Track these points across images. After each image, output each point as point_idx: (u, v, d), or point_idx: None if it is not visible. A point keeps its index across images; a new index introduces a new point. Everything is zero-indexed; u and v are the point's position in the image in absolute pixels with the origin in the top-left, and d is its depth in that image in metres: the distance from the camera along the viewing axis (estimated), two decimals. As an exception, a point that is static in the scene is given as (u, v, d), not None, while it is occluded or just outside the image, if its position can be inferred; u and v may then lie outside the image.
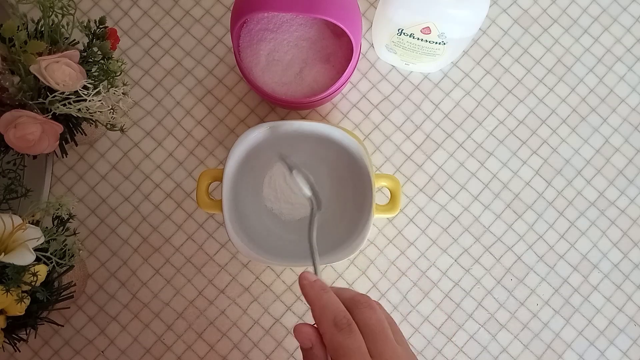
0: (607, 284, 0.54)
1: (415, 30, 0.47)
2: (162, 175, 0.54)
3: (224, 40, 0.56)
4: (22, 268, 0.39)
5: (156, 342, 0.52)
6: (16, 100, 0.41)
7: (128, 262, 0.53)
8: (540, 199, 0.55)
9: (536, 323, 0.53)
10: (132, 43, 0.56)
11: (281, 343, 0.53)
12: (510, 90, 0.56)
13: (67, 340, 0.52)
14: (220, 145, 0.55)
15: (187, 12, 0.56)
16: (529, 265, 0.54)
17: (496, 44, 0.57)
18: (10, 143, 0.41)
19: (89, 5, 0.56)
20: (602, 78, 0.56)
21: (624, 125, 0.56)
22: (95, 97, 0.42)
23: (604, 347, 0.53)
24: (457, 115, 0.56)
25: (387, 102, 0.56)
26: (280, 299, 0.53)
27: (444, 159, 0.55)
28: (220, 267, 0.53)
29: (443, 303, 0.53)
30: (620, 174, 0.55)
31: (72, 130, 0.45)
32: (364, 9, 0.57)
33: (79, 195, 0.54)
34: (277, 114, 0.56)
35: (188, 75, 0.56)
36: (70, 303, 0.48)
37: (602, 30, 0.57)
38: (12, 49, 0.39)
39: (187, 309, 0.53)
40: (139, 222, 0.54)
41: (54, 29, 0.41)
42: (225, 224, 0.46)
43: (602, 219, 0.54)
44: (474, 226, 0.54)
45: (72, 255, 0.44)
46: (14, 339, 0.43)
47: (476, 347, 0.53)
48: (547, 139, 0.55)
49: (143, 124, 0.55)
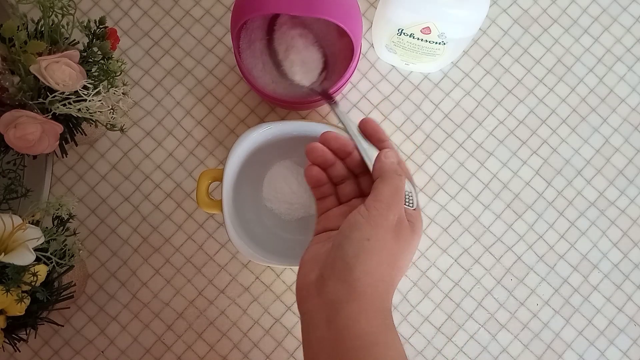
0: (607, 284, 0.54)
1: (415, 30, 0.47)
2: (162, 175, 0.54)
3: (224, 40, 0.56)
4: (22, 268, 0.39)
5: (156, 342, 0.52)
6: (16, 100, 0.41)
7: (128, 262, 0.53)
8: (540, 199, 0.55)
9: (536, 323, 0.53)
10: (132, 43, 0.56)
11: (281, 343, 0.53)
12: (510, 90, 0.56)
13: (67, 340, 0.52)
14: (220, 145, 0.55)
15: (187, 12, 0.56)
16: (529, 265, 0.54)
17: (496, 44, 0.57)
18: (10, 143, 0.41)
19: (89, 5, 0.56)
20: (602, 78, 0.56)
21: (624, 125, 0.56)
22: (95, 97, 0.42)
23: (604, 347, 0.53)
24: (457, 115, 0.56)
25: (387, 102, 0.56)
26: (281, 299, 0.53)
27: (444, 159, 0.55)
28: (220, 267, 0.53)
29: (443, 303, 0.53)
30: (620, 174, 0.55)
31: (72, 130, 0.45)
32: (364, 9, 0.57)
33: (79, 195, 0.54)
34: (277, 114, 0.56)
35: (188, 75, 0.56)
36: (70, 303, 0.48)
37: (602, 30, 0.57)
38: (12, 49, 0.39)
39: (187, 309, 0.53)
40: (139, 222, 0.54)
41: (54, 29, 0.41)
42: (225, 224, 0.46)
43: (602, 219, 0.54)
44: (474, 226, 0.54)
45: (72, 255, 0.44)
46: (14, 339, 0.43)
47: (476, 347, 0.53)
48: (547, 139, 0.55)
49: (143, 124, 0.55)
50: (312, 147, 0.37)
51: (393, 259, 0.33)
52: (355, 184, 0.37)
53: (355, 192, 0.37)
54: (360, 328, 0.31)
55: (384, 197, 0.33)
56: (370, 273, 0.32)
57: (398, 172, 0.34)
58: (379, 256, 0.32)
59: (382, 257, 0.32)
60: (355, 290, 0.32)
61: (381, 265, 0.32)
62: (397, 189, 0.33)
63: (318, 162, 0.37)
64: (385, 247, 0.32)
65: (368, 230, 0.32)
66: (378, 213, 0.32)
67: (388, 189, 0.33)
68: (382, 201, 0.33)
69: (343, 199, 0.38)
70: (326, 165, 0.37)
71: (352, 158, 0.37)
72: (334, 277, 0.32)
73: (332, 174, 0.37)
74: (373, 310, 0.32)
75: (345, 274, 0.32)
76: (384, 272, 0.32)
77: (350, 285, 0.32)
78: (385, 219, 0.32)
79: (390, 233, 0.32)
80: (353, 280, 0.32)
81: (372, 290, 0.32)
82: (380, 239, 0.32)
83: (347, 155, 0.37)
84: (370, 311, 0.32)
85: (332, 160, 0.37)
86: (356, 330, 0.31)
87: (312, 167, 0.37)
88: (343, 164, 0.37)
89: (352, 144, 0.37)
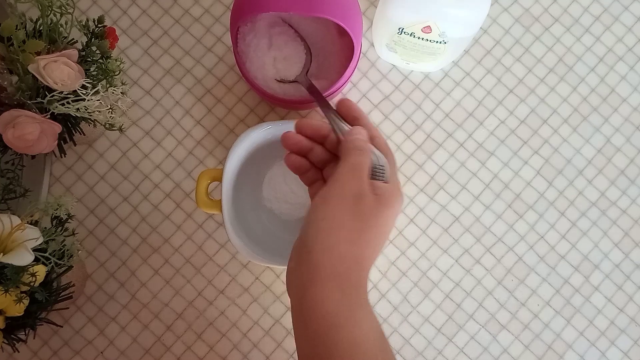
0: (608, 285, 0.53)
1: (416, 30, 0.47)
2: (162, 175, 0.54)
3: (224, 39, 0.56)
4: (21, 268, 0.39)
5: (155, 343, 0.52)
6: (15, 99, 0.41)
7: (127, 263, 0.53)
8: (541, 199, 0.54)
9: (537, 323, 0.53)
10: (131, 42, 0.56)
11: (281, 344, 0.52)
12: (511, 89, 0.56)
13: (67, 340, 0.52)
14: (220, 145, 0.55)
15: (186, 11, 0.56)
16: (530, 266, 0.54)
17: (497, 43, 0.56)
18: (9, 143, 0.41)
19: (88, 4, 0.56)
20: (603, 77, 0.56)
21: (625, 125, 0.56)
22: (94, 96, 0.41)
23: (605, 348, 0.53)
24: (458, 115, 0.55)
25: (388, 101, 0.56)
26: (280, 300, 0.53)
27: (445, 159, 0.55)
28: (220, 267, 0.53)
29: (444, 303, 0.53)
30: (621, 174, 0.55)
31: (70, 129, 0.45)
32: (364, 8, 0.57)
33: (78, 195, 0.54)
34: (276, 113, 0.55)
35: (187, 74, 0.55)
36: (69, 303, 0.48)
37: (604, 29, 0.57)
38: (10, 48, 0.39)
39: (186, 310, 0.53)
40: (138, 222, 0.53)
41: (52, 28, 0.41)
42: (225, 224, 0.46)
43: (604, 219, 0.54)
44: (475, 226, 0.54)
45: (71, 255, 0.44)
46: (13, 340, 0.43)
47: (477, 347, 0.53)
48: (548, 138, 0.55)
49: (142, 123, 0.55)
50: (285, 135, 0.37)
51: (354, 236, 0.32)
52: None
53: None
54: (324, 309, 0.31)
55: (340, 175, 0.33)
56: (327, 251, 0.32)
57: (359, 147, 0.34)
58: (336, 233, 0.32)
59: (339, 233, 0.32)
60: (316, 272, 0.32)
61: (339, 243, 0.32)
62: (355, 165, 0.33)
63: (295, 150, 0.37)
64: (342, 225, 0.32)
65: (323, 210, 0.32)
66: (332, 191, 0.33)
67: (345, 166, 0.33)
68: (338, 179, 0.33)
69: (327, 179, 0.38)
70: (304, 151, 0.38)
71: (330, 140, 0.37)
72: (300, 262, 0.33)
73: (314, 158, 0.38)
74: (337, 290, 0.32)
75: (306, 257, 0.32)
76: (344, 249, 0.32)
77: (312, 267, 0.32)
78: (338, 195, 0.32)
79: (347, 209, 0.32)
80: (313, 262, 0.32)
81: (332, 270, 0.32)
82: (337, 217, 0.32)
83: (323, 138, 0.37)
84: (335, 291, 0.31)
85: (309, 146, 0.37)
86: (321, 311, 0.31)
87: (290, 154, 0.37)
88: (323, 148, 0.38)
89: (326, 127, 0.37)
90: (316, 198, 0.33)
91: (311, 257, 0.32)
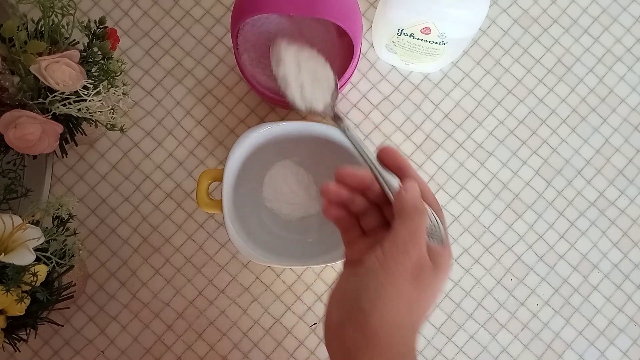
0: (607, 284, 0.54)
1: (415, 31, 0.47)
2: (162, 175, 0.54)
3: (224, 40, 0.56)
4: (22, 268, 0.39)
5: (156, 342, 0.52)
6: (16, 100, 0.41)
7: (128, 262, 0.53)
8: (540, 199, 0.55)
9: (536, 323, 0.53)
10: (132, 43, 0.56)
11: (281, 343, 0.53)
12: (510, 90, 0.56)
13: (67, 340, 0.52)
14: (220, 145, 0.55)
15: (187, 12, 0.56)
16: (529, 265, 0.54)
17: (496, 44, 0.57)
18: (10, 143, 0.41)
19: (89, 5, 0.56)
20: (602, 78, 0.56)
21: (624, 125, 0.56)
22: (95, 97, 0.42)
23: (604, 347, 0.53)
24: (457, 115, 0.56)
25: (387, 102, 0.56)
26: (280, 299, 0.53)
27: (444, 159, 0.55)
28: (220, 267, 0.53)
29: (443, 303, 0.53)
30: (620, 174, 0.55)
31: (72, 130, 0.45)
32: (364, 9, 0.57)
33: (79, 195, 0.54)
34: (277, 114, 0.56)
35: (188, 75, 0.56)
36: (70, 303, 0.48)
37: (602, 30, 0.57)
38: (12, 49, 0.39)
39: (187, 309, 0.53)
40: (139, 222, 0.54)
41: (54, 29, 0.41)
42: (225, 223, 0.46)
43: (602, 219, 0.54)
44: (474, 226, 0.54)
45: (72, 255, 0.44)
46: (14, 339, 0.43)
47: (476, 347, 0.53)
48: (547, 139, 0.55)
49: (143, 124, 0.55)
50: (325, 189, 0.35)
51: (412, 305, 0.32)
52: (378, 214, 0.36)
53: (379, 222, 0.36)
54: None
55: (400, 240, 0.32)
56: (386, 321, 0.31)
57: (418, 209, 0.32)
58: (396, 303, 0.31)
59: (400, 303, 0.31)
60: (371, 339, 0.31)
61: (399, 313, 0.31)
62: (415, 230, 0.32)
63: (334, 203, 0.36)
64: (402, 293, 0.31)
65: (383, 277, 0.31)
66: (393, 258, 0.31)
67: (405, 230, 0.32)
68: (398, 245, 0.31)
69: (367, 230, 0.36)
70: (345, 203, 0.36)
71: (372, 190, 0.35)
72: (351, 324, 0.31)
73: (353, 208, 0.36)
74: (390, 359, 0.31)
75: (361, 321, 0.31)
76: (402, 318, 0.31)
77: (367, 333, 0.31)
78: (401, 264, 0.31)
79: (408, 278, 0.31)
80: (369, 329, 0.31)
81: (389, 339, 0.31)
82: (397, 285, 0.31)
83: (366, 188, 0.35)
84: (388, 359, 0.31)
85: (350, 198, 0.35)
86: None
87: (329, 207, 0.36)
88: (363, 197, 0.36)
89: (369, 176, 0.35)
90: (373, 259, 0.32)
91: (368, 323, 0.31)
